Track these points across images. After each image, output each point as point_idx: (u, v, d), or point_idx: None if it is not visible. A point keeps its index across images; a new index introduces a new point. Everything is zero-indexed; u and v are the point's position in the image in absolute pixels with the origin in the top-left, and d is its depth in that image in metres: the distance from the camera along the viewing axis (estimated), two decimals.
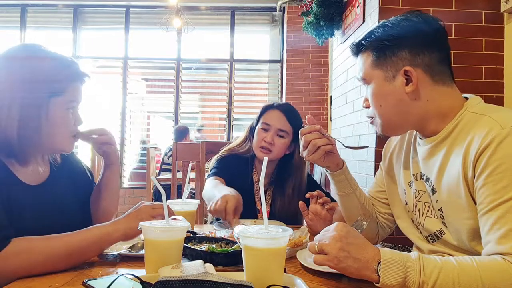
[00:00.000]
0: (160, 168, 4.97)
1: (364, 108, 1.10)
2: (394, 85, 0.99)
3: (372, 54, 1.01)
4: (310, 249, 0.86)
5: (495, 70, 2.34)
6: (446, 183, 0.96)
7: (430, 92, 0.98)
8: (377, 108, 1.03)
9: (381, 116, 1.04)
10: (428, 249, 1.06)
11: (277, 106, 1.71)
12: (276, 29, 6.11)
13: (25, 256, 0.87)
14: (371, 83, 1.03)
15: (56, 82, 1.05)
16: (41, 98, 1.03)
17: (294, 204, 1.62)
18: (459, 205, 0.93)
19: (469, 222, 0.91)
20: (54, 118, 1.05)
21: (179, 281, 0.64)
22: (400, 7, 2.42)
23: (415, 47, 0.97)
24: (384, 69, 1.00)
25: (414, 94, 0.98)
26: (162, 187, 0.94)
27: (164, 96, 6.53)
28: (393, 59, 0.98)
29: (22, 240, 0.90)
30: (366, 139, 2.61)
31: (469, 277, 0.77)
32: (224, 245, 1.05)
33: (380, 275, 0.78)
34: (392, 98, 1.00)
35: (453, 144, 0.96)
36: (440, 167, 0.98)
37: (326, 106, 5.59)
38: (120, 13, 6.01)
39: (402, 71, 0.97)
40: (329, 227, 0.87)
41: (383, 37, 1.00)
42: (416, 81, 0.97)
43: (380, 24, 1.04)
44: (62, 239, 0.93)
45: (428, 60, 0.97)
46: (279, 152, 1.67)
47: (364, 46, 1.04)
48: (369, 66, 1.02)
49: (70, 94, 1.09)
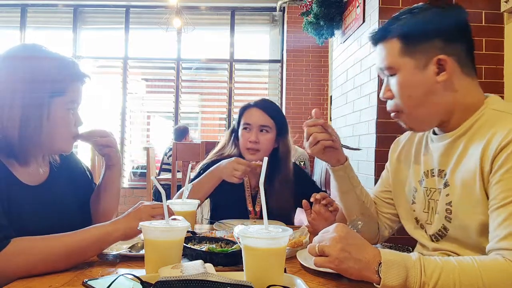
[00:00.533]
0: (160, 168, 4.96)
1: (384, 99, 1.05)
2: (425, 74, 0.95)
3: (401, 42, 0.97)
4: (310, 252, 0.84)
5: (495, 70, 2.34)
6: (460, 177, 0.95)
7: (459, 83, 0.96)
8: (404, 99, 0.99)
9: (409, 108, 0.99)
10: (433, 247, 1.04)
11: (255, 104, 1.70)
12: (276, 29, 6.11)
13: (25, 256, 0.87)
14: (398, 72, 0.98)
15: (57, 82, 1.05)
16: (42, 98, 1.03)
17: (284, 198, 1.62)
18: (471, 200, 0.92)
19: (480, 217, 0.90)
20: (55, 118, 1.05)
21: (179, 281, 0.64)
22: (400, 6, 2.42)
23: (449, 36, 0.94)
24: (414, 57, 0.95)
25: (445, 84, 0.95)
26: (162, 187, 0.95)
27: (164, 96, 6.53)
28: (425, 46, 0.95)
29: (22, 240, 0.90)
30: (366, 139, 2.61)
31: (469, 277, 0.77)
32: (224, 245, 1.05)
33: (381, 276, 0.78)
34: (422, 87, 0.96)
35: (471, 139, 0.94)
36: (457, 160, 0.96)
37: (326, 106, 5.59)
38: (120, 13, 6.01)
39: (435, 59, 0.94)
40: (328, 228, 0.86)
41: (415, 24, 0.96)
42: (450, 70, 0.94)
43: (406, 10, 1.00)
44: (62, 239, 0.93)
45: (459, 50, 0.95)
46: (266, 149, 1.67)
47: (391, 33, 0.98)
48: (396, 54, 0.97)
49: (71, 94, 1.08)
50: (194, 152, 2.50)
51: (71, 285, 0.82)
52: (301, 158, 5.06)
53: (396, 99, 1.01)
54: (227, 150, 1.75)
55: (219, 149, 1.77)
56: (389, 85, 1.03)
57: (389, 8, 2.43)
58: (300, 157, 5.08)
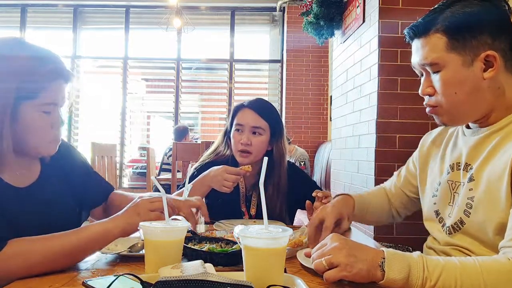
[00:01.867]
0: (159, 168, 4.96)
1: (423, 95, 1.02)
2: (472, 70, 0.93)
3: (446, 37, 0.93)
4: (318, 269, 0.83)
5: None
6: (487, 173, 0.93)
7: (503, 79, 0.94)
8: (449, 95, 0.96)
9: (452, 104, 0.97)
10: (445, 242, 1.03)
11: (248, 105, 1.64)
12: (276, 29, 6.11)
13: (23, 257, 0.86)
14: (443, 68, 0.95)
15: (27, 83, 0.96)
16: (7, 100, 0.95)
17: (277, 203, 1.59)
18: (495, 198, 0.90)
19: (501, 215, 0.88)
20: (24, 122, 0.98)
21: (179, 281, 0.64)
22: (400, 7, 2.42)
23: (495, 30, 0.91)
24: (462, 53, 0.93)
25: (490, 81, 0.93)
26: (162, 187, 0.94)
27: (164, 96, 6.54)
28: (473, 42, 0.92)
29: (19, 241, 0.89)
30: (366, 139, 2.61)
31: (471, 276, 0.77)
32: (224, 245, 1.05)
33: (384, 270, 0.78)
34: (469, 84, 0.94)
35: (506, 137, 0.93)
36: (486, 156, 0.94)
37: (326, 106, 5.59)
38: (120, 13, 6.01)
39: (483, 55, 0.91)
40: (324, 242, 0.86)
41: (461, 18, 0.92)
42: (497, 67, 0.91)
43: (443, 3, 0.97)
44: (61, 238, 0.92)
45: (504, 45, 0.92)
46: (258, 152, 1.61)
47: (434, 27, 0.95)
48: (442, 49, 0.94)
49: (48, 95, 1.00)
50: (194, 152, 2.50)
51: (71, 285, 0.82)
52: (301, 158, 5.07)
53: (438, 96, 0.98)
54: (221, 151, 1.71)
55: (213, 150, 1.73)
56: (430, 81, 0.99)
57: (389, 8, 2.43)
58: (300, 157, 5.08)
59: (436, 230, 1.08)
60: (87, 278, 0.79)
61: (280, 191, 1.61)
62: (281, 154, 1.64)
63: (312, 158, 5.53)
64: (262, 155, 1.62)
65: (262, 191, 0.81)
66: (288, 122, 5.69)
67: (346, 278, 0.80)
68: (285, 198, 1.62)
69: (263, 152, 1.63)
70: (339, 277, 0.80)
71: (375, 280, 0.80)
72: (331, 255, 0.81)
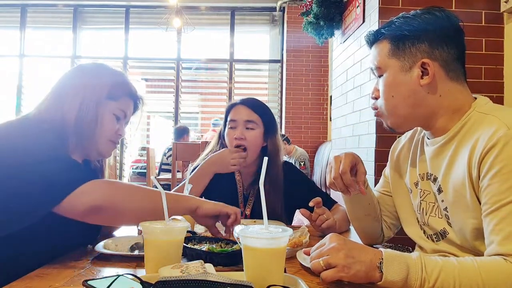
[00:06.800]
0: (158, 168, 4.96)
1: (372, 99, 1.08)
2: (409, 76, 0.99)
3: (390, 43, 1.01)
4: (315, 269, 0.83)
5: (495, 70, 2.35)
6: (452, 182, 0.96)
7: (444, 87, 0.98)
8: (388, 99, 1.02)
9: (390, 107, 1.02)
10: (432, 249, 1.05)
11: (240, 102, 1.66)
12: (276, 29, 6.12)
13: (109, 186, 0.99)
14: (385, 72, 1.02)
15: (113, 88, 1.19)
16: (99, 97, 1.16)
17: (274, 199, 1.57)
18: (464, 205, 0.92)
19: (473, 221, 0.91)
20: (102, 117, 1.16)
21: (179, 281, 0.64)
22: (400, 7, 2.42)
23: (435, 41, 0.97)
24: (401, 59, 0.99)
25: (428, 88, 0.98)
26: (161, 187, 0.94)
27: (164, 96, 6.55)
28: (411, 50, 0.98)
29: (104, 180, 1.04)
30: (366, 139, 2.61)
31: (469, 276, 0.77)
32: (224, 245, 1.05)
33: (383, 271, 0.78)
34: (405, 89, 0.99)
35: (460, 143, 0.95)
36: (447, 166, 0.97)
37: (326, 106, 5.60)
38: (120, 13, 6.02)
39: (419, 62, 0.97)
40: (323, 241, 0.87)
41: (405, 27, 0.99)
42: (432, 74, 0.96)
43: (401, 15, 1.04)
44: (147, 193, 1.02)
45: (445, 56, 0.97)
46: (253, 146, 1.61)
47: (383, 34, 1.03)
48: (385, 55, 1.02)
49: (122, 104, 1.20)
50: (194, 152, 2.50)
51: (71, 285, 0.82)
52: (301, 158, 5.07)
53: (380, 98, 1.04)
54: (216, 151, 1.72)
55: (209, 151, 1.73)
56: (377, 85, 1.06)
57: (389, 8, 2.44)
58: (300, 157, 5.08)
59: (419, 237, 1.10)
60: (87, 278, 0.79)
61: (277, 188, 1.60)
62: (276, 149, 1.64)
63: (312, 158, 5.54)
64: (257, 153, 1.63)
65: (262, 191, 0.81)
66: (288, 122, 5.69)
67: (344, 279, 0.80)
68: (282, 197, 1.62)
69: (259, 148, 1.63)
70: (337, 278, 0.80)
71: (374, 281, 0.80)
72: (329, 255, 0.81)
